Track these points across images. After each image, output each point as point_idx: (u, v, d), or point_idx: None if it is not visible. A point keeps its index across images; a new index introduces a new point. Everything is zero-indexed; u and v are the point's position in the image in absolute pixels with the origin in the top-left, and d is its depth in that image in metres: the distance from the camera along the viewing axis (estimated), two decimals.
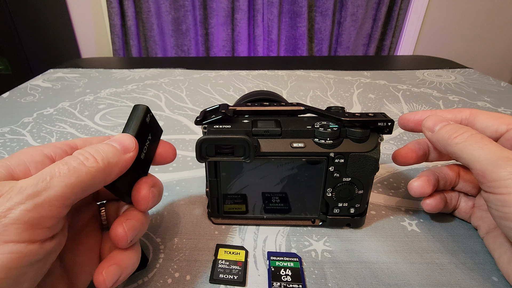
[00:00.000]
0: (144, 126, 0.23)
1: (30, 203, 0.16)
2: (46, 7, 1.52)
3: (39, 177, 0.17)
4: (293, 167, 0.27)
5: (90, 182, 0.18)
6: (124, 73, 0.79)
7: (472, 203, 0.29)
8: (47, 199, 0.16)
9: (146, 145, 0.23)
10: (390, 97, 0.63)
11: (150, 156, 0.24)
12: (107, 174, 0.19)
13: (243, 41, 1.71)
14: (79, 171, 0.18)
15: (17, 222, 0.15)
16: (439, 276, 0.25)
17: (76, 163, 0.18)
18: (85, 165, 0.18)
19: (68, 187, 0.17)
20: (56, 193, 0.17)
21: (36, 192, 0.16)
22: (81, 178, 0.18)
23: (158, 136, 0.25)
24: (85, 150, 0.19)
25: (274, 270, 0.25)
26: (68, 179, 0.17)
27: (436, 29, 1.83)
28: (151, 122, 0.24)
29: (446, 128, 0.25)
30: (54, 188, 0.17)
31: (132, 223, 0.21)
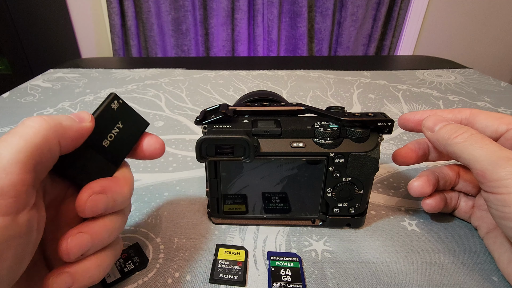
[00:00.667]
0: (108, 112, 0.22)
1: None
2: (46, 7, 1.52)
3: None
4: (293, 167, 0.27)
5: (42, 143, 0.17)
6: (124, 73, 0.79)
7: (472, 203, 0.29)
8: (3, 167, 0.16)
9: (113, 132, 0.22)
10: (390, 97, 0.63)
11: (122, 147, 0.22)
12: (60, 136, 0.18)
13: (243, 41, 1.71)
14: (26, 134, 0.17)
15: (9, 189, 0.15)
16: (439, 276, 0.25)
17: (20, 128, 0.17)
18: (32, 126, 0.17)
19: (20, 151, 0.16)
20: (10, 159, 0.16)
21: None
22: (31, 140, 0.17)
23: (139, 128, 0.23)
24: (40, 117, 0.18)
25: (274, 270, 0.25)
26: (16, 144, 0.16)
27: (436, 29, 1.83)
28: (120, 109, 0.22)
29: (446, 128, 0.25)
30: (3, 155, 0.16)
31: (81, 239, 0.19)
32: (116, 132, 0.22)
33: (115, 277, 0.24)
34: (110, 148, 0.22)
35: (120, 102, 0.22)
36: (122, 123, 0.22)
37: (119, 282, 0.24)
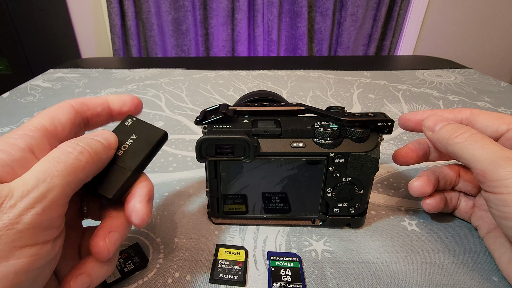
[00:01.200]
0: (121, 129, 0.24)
1: (39, 207, 0.16)
2: (46, 7, 1.52)
3: (38, 178, 0.17)
4: (293, 167, 0.27)
5: (85, 177, 0.19)
6: (124, 73, 0.79)
7: (472, 203, 0.29)
8: (53, 200, 0.17)
9: (126, 143, 0.23)
10: (390, 97, 0.63)
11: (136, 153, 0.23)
12: (97, 169, 0.20)
13: (243, 41, 1.71)
14: (76, 167, 0.18)
15: (30, 226, 0.16)
16: (439, 276, 0.25)
17: (72, 160, 0.18)
18: (81, 160, 0.18)
19: (69, 184, 0.17)
20: (60, 193, 0.17)
21: (42, 195, 0.16)
22: (78, 174, 0.18)
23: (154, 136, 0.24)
24: (77, 144, 0.19)
25: (274, 270, 0.25)
26: (67, 177, 0.17)
27: (436, 29, 1.83)
28: (134, 125, 0.24)
29: (447, 128, 0.25)
30: (57, 188, 0.17)
31: (115, 237, 0.20)
32: (130, 143, 0.23)
33: (115, 277, 0.24)
34: (124, 156, 0.23)
35: (134, 119, 0.24)
36: (136, 134, 0.24)
37: (119, 282, 0.24)
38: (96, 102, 0.24)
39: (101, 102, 0.24)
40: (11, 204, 0.15)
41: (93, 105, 0.23)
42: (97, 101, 0.24)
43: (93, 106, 0.23)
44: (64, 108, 0.22)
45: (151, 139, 0.24)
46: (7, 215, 0.15)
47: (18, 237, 0.15)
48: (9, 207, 0.15)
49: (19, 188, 0.16)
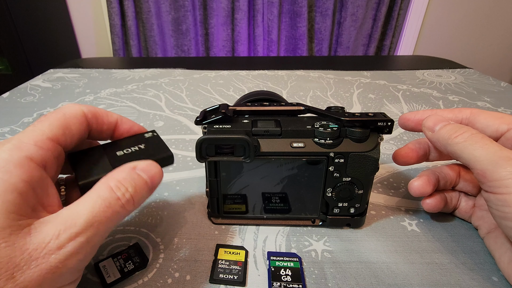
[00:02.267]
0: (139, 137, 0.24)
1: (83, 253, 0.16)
2: (46, 7, 1.52)
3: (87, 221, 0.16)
4: (293, 167, 0.27)
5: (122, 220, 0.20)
6: (124, 73, 0.79)
7: (472, 203, 0.29)
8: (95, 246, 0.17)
9: (131, 148, 0.23)
10: (390, 97, 0.63)
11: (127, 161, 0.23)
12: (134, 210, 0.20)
13: (243, 41, 1.71)
14: (119, 215, 0.18)
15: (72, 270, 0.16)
16: (439, 276, 0.25)
17: (118, 207, 0.18)
18: (125, 209, 0.18)
19: (108, 231, 0.18)
20: (101, 238, 0.17)
21: (87, 241, 0.16)
22: (119, 221, 0.18)
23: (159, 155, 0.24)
24: (126, 190, 0.18)
25: (274, 270, 0.25)
26: (110, 223, 0.17)
27: (436, 29, 1.83)
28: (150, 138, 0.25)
29: (447, 128, 0.25)
30: (100, 234, 0.17)
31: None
32: (135, 150, 0.23)
33: (115, 277, 0.24)
34: (122, 158, 0.23)
35: (155, 134, 0.25)
36: (145, 146, 0.24)
37: (119, 282, 0.24)
38: (106, 120, 0.23)
39: (110, 122, 0.23)
40: (58, 245, 0.15)
41: (102, 122, 0.23)
42: (109, 119, 0.23)
43: (101, 122, 0.23)
44: (77, 117, 0.21)
45: (154, 154, 0.24)
46: (54, 256, 0.15)
47: (60, 279, 0.16)
48: (56, 248, 0.15)
49: (67, 229, 0.16)
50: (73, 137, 0.20)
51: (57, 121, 0.20)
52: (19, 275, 0.14)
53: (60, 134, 0.19)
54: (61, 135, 0.20)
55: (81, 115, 0.21)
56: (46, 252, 0.15)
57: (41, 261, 0.14)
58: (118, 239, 0.28)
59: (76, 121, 0.21)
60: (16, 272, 0.14)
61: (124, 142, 0.24)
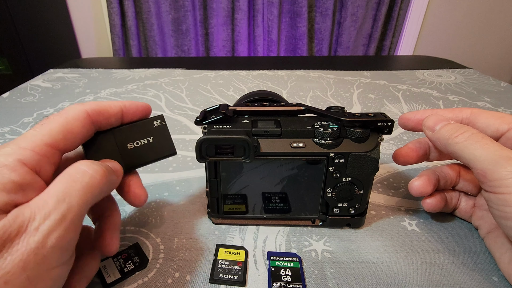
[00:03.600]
0: (147, 124, 0.25)
1: (61, 228, 0.16)
2: (46, 7, 1.52)
3: (57, 198, 0.16)
4: (293, 167, 0.27)
5: (99, 195, 0.19)
6: (124, 73, 0.79)
7: (472, 202, 0.29)
8: (72, 220, 0.17)
9: (140, 141, 0.25)
10: (390, 97, 0.63)
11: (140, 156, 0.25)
12: (109, 189, 0.21)
13: (243, 41, 1.71)
14: (92, 186, 0.18)
15: (54, 249, 0.16)
16: (439, 276, 0.25)
17: (88, 178, 0.18)
18: (96, 178, 0.19)
19: (85, 203, 0.18)
20: (78, 212, 0.17)
21: (62, 216, 0.16)
22: (94, 193, 0.18)
23: (165, 150, 0.26)
24: (92, 162, 0.19)
25: (274, 270, 0.25)
26: (84, 196, 0.17)
27: (436, 29, 1.83)
28: (158, 128, 0.25)
29: (447, 128, 0.25)
30: (75, 208, 0.17)
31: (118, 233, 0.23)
32: (144, 143, 0.25)
33: (115, 277, 0.24)
34: (130, 152, 0.24)
35: (163, 123, 0.26)
36: (153, 139, 0.25)
37: (119, 282, 0.24)
38: (111, 111, 0.23)
39: (116, 112, 0.24)
40: (35, 226, 0.15)
41: (108, 115, 0.23)
42: (113, 110, 0.23)
43: (108, 116, 0.23)
44: (80, 119, 0.21)
45: (161, 152, 0.26)
46: (33, 238, 0.15)
47: (44, 261, 0.15)
48: (34, 229, 0.15)
49: (40, 209, 0.16)
50: (75, 139, 0.21)
51: (58, 126, 0.20)
52: (1, 262, 0.14)
53: (60, 139, 0.20)
54: (61, 139, 0.20)
55: (84, 116, 0.21)
56: (25, 236, 0.15)
57: (22, 246, 0.15)
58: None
59: (79, 123, 0.21)
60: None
61: (134, 131, 0.25)
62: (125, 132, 0.24)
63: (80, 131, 0.21)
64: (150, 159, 0.25)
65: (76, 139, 0.21)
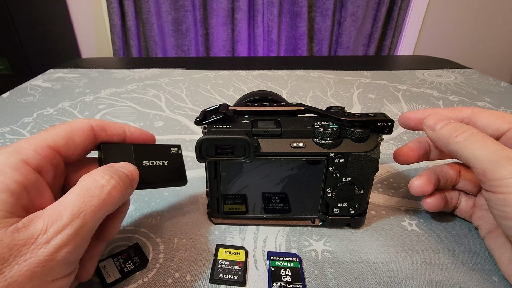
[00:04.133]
0: (165, 148, 0.26)
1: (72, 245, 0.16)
2: (46, 7, 1.52)
3: (73, 213, 0.16)
4: (293, 167, 0.27)
5: (112, 210, 0.19)
6: (124, 73, 0.78)
7: (472, 202, 0.29)
8: (85, 237, 0.17)
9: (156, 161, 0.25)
10: (390, 97, 0.63)
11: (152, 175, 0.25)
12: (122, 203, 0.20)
13: (243, 41, 1.71)
14: (107, 203, 0.18)
15: (63, 263, 0.16)
16: (439, 276, 0.25)
17: (105, 195, 0.18)
18: (113, 196, 0.19)
19: (98, 220, 0.18)
20: (91, 229, 0.17)
21: (75, 232, 0.16)
22: (108, 209, 0.18)
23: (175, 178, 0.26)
24: (111, 177, 0.19)
25: (274, 270, 0.25)
26: (99, 212, 0.18)
27: (436, 29, 1.83)
28: (174, 155, 0.27)
29: (447, 127, 0.25)
30: (89, 224, 0.17)
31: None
32: (159, 164, 0.25)
33: (115, 277, 0.24)
34: (144, 169, 0.24)
35: (179, 152, 0.27)
36: (168, 163, 0.26)
37: (119, 282, 0.24)
38: (115, 130, 0.24)
39: (120, 133, 0.24)
40: (46, 239, 0.15)
41: (111, 133, 0.24)
42: (117, 130, 0.24)
43: (111, 134, 0.24)
44: (84, 130, 0.22)
45: (173, 178, 0.26)
46: (42, 250, 0.15)
47: (51, 273, 0.16)
48: (44, 242, 0.15)
49: (54, 222, 0.16)
50: (76, 148, 0.21)
51: (62, 132, 0.21)
52: (7, 271, 0.14)
53: (62, 144, 0.20)
54: (63, 145, 0.21)
55: (88, 129, 0.22)
56: (34, 247, 0.15)
57: (30, 256, 0.15)
58: (118, 239, 0.28)
59: (82, 134, 0.22)
60: (5, 267, 0.14)
61: (152, 151, 0.25)
62: (143, 149, 0.25)
63: (82, 141, 0.22)
64: (161, 182, 0.25)
65: (77, 148, 0.21)
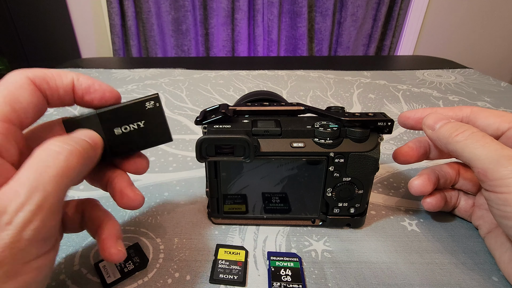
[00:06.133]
0: (138, 106, 0.22)
1: (38, 220, 0.15)
2: (46, 7, 1.52)
3: (30, 187, 0.15)
4: (293, 167, 0.27)
5: (76, 178, 0.17)
6: (124, 73, 0.78)
7: (472, 201, 0.29)
8: (50, 209, 0.15)
9: (130, 126, 0.22)
10: (390, 97, 0.63)
11: (129, 143, 0.22)
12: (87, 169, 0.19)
13: (243, 41, 1.71)
14: (68, 170, 0.16)
15: (32, 241, 0.15)
16: (439, 276, 0.25)
17: (62, 162, 0.16)
18: (71, 161, 0.17)
19: (62, 189, 0.16)
20: (55, 200, 0.16)
21: (38, 206, 0.15)
22: (71, 177, 0.17)
23: (159, 137, 0.23)
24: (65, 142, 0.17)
25: (274, 270, 0.25)
26: (60, 181, 0.16)
27: (436, 29, 1.83)
28: (151, 111, 0.22)
29: (447, 126, 0.25)
30: (51, 195, 0.15)
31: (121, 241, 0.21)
32: (134, 128, 0.22)
33: (115, 277, 0.24)
34: (117, 138, 0.22)
35: (157, 105, 0.22)
36: (145, 123, 0.22)
37: (119, 282, 0.24)
38: (59, 82, 0.20)
39: (66, 84, 0.20)
40: (7, 220, 0.14)
41: (55, 86, 0.20)
42: (62, 80, 0.20)
43: (55, 86, 0.20)
44: (23, 86, 0.18)
45: (154, 140, 0.23)
46: (6, 232, 0.14)
47: (22, 254, 0.15)
48: (6, 224, 0.14)
49: (12, 201, 0.15)
50: (26, 111, 0.18)
51: (1, 98, 0.17)
52: None
53: (9, 111, 0.17)
54: (10, 112, 0.17)
55: (27, 83, 0.18)
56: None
57: None
58: None
59: (24, 92, 0.18)
60: None
61: (123, 113, 0.22)
62: (111, 114, 0.21)
63: (27, 100, 0.18)
64: (141, 146, 0.23)
65: (27, 109, 0.18)
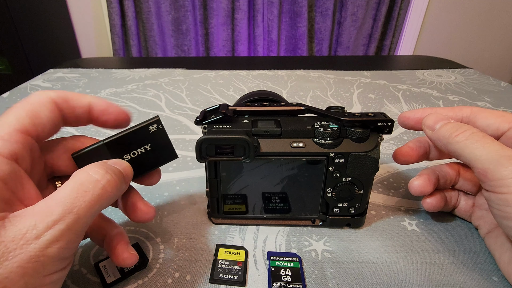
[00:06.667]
0: (143, 131, 0.23)
1: (64, 240, 0.16)
2: (46, 7, 1.52)
3: (64, 208, 0.16)
4: (293, 167, 0.27)
5: (106, 206, 0.19)
6: (124, 73, 0.78)
7: (472, 202, 0.29)
8: (78, 233, 0.16)
9: (138, 151, 0.23)
10: (390, 97, 0.63)
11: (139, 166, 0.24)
12: (115, 199, 0.20)
13: (243, 41, 1.71)
14: (102, 198, 0.18)
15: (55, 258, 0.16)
16: (439, 276, 0.25)
17: (99, 190, 0.18)
18: (107, 191, 0.18)
19: (92, 215, 0.17)
20: (84, 224, 0.17)
21: (67, 228, 0.16)
22: (102, 205, 0.18)
23: (165, 157, 0.24)
24: (106, 172, 0.19)
25: (274, 270, 0.25)
26: (93, 208, 0.17)
27: (436, 29, 1.83)
28: (155, 133, 0.23)
29: (447, 126, 0.25)
30: (82, 220, 0.16)
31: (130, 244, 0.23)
32: (141, 152, 0.23)
33: (115, 277, 0.24)
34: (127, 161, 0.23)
35: (159, 127, 0.23)
36: (151, 146, 0.24)
37: (119, 282, 0.24)
38: (77, 103, 0.21)
39: (83, 105, 0.22)
40: (36, 234, 0.15)
41: (73, 106, 0.21)
42: (81, 101, 0.22)
43: (73, 106, 0.21)
44: (45, 103, 0.20)
45: (161, 159, 0.24)
46: (33, 246, 0.15)
47: (44, 269, 0.15)
48: (34, 237, 0.15)
49: (44, 218, 0.15)
50: (44, 126, 0.19)
51: (23, 111, 0.19)
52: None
53: (29, 124, 0.19)
54: (29, 125, 0.19)
55: (49, 101, 0.20)
56: (23, 243, 0.15)
57: (19, 252, 0.14)
58: None
59: (45, 109, 0.19)
60: None
61: (129, 140, 0.23)
62: (118, 142, 0.23)
63: (47, 116, 0.20)
64: (150, 167, 0.24)
65: (45, 125, 0.19)
